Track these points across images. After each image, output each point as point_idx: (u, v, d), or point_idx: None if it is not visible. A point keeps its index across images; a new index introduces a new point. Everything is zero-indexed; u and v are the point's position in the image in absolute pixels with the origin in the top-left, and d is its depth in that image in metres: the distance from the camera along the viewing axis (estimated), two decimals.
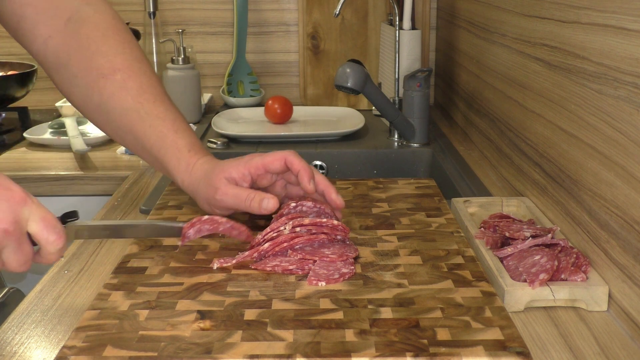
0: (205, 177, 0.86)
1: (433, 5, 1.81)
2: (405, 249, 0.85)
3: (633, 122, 0.70)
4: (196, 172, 0.86)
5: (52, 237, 0.65)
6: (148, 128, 0.87)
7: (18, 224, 0.63)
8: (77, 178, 1.31)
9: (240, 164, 0.86)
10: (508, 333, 0.65)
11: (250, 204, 0.82)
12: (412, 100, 1.42)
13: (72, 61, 0.88)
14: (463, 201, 1.02)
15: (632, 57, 0.70)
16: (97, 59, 0.88)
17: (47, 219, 0.65)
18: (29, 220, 0.64)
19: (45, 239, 0.65)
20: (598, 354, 0.68)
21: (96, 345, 0.64)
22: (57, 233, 0.66)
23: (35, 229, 0.65)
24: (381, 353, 0.62)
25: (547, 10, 0.95)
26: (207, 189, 0.85)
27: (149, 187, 1.20)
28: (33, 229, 0.65)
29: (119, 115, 0.88)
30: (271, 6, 1.87)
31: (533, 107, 1.02)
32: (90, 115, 0.92)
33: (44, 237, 0.65)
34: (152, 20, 1.78)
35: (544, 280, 0.75)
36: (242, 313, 0.70)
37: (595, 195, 0.80)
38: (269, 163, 0.86)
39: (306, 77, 1.84)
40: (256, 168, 0.86)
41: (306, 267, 0.79)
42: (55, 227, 0.66)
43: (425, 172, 1.44)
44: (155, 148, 0.87)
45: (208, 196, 0.85)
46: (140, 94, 0.87)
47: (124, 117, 0.87)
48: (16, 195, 0.63)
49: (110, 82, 0.87)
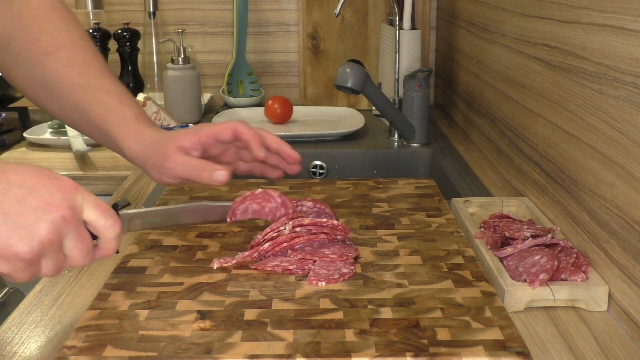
0: (155, 145, 0.85)
1: (433, 5, 1.81)
2: (405, 249, 0.85)
3: (633, 122, 0.70)
4: (145, 140, 0.85)
5: (109, 222, 0.65)
6: (94, 101, 0.86)
7: (73, 209, 0.63)
8: (77, 178, 1.31)
9: (191, 133, 0.85)
10: (508, 333, 0.65)
11: (200, 174, 0.82)
12: (412, 100, 1.42)
13: (15, 41, 0.88)
14: (463, 201, 1.02)
15: (632, 57, 0.70)
16: (41, 38, 0.88)
17: (101, 205, 0.65)
18: (83, 207, 0.64)
19: (102, 225, 0.65)
20: (598, 354, 0.68)
21: (96, 345, 0.64)
22: (112, 217, 0.66)
23: (90, 216, 0.64)
24: (381, 353, 0.62)
25: (547, 10, 0.95)
26: (157, 157, 0.84)
27: (149, 187, 1.20)
28: (88, 215, 0.64)
29: (65, 91, 0.87)
30: (271, 6, 1.87)
31: (533, 107, 1.02)
32: (34, 94, 0.91)
33: (101, 223, 0.65)
34: (152, 20, 1.78)
35: (544, 280, 0.75)
36: (242, 313, 0.70)
37: (595, 195, 0.80)
38: (219, 132, 0.85)
39: (306, 77, 1.84)
40: (207, 137, 0.85)
41: (306, 267, 0.79)
42: (109, 211, 0.66)
43: (425, 172, 1.44)
44: (102, 120, 0.86)
45: (158, 164, 0.84)
46: (86, 69, 0.87)
47: (70, 93, 0.87)
48: (67, 184, 0.63)
49: (54, 60, 0.87)
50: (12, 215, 0.60)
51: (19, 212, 0.60)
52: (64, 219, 0.62)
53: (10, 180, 0.61)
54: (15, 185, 0.61)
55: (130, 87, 1.78)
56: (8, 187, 0.61)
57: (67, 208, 0.62)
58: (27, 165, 0.64)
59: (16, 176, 0.62)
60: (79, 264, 0.65)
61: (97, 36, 1.73)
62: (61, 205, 0.62)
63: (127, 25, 1.75)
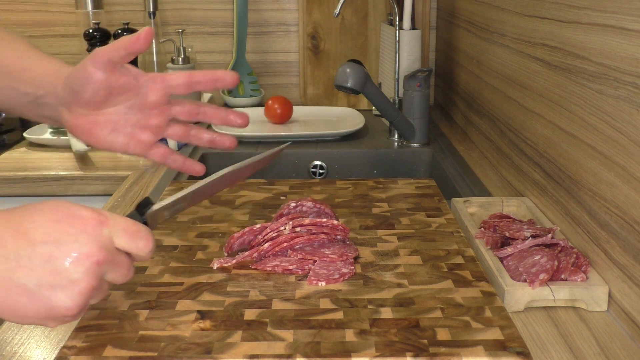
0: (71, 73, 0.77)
1: (433, 5, 1.81)
2: (405, 249, 0.85)
3: (633, 122, 0.70)
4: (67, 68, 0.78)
5: (140, 244, 0.63)
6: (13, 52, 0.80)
7: (104, 248, 0.61)
8: (77, 178, 1.31)
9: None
10: (508, 333, 0.65)
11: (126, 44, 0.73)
12: (412, 100, 1.42)
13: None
14: (463, 201, 1.02)
15: (632, 57, 0.70)
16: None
17: (129, 229, 0.63)
18: (113, 237, 0.62)
19: (134, 248, 0.63)
20: (598, 354, 0.68)
21: (96, 345, 0.64)
22: (143, 238, 0.64)
23: (121, 244, 0.63)
24: (381, 353, 0.62)
25: (547, 10, 0.95)
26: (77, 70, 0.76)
27: (149, 187, 1.20)
28: (119, 244, 0.62)
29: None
30: (271, 6, 1.87)
31: (533, 107, 1.02)
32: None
33: (133, 247, 0.63)
34: (152, 20, 1.78)
35: (544, 280, 0.75)
36: (242, 313, 0.70)
37: (595, 195, 0.80)
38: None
39: (306, 77, 1.84)
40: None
41: (306, 267, 0.79)
42: (138, 232, 0.64)
43: (425, 172, 1.44)
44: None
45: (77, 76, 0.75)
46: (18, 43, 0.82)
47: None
48: (90, 220, 0.61)
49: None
50: (46, 279, 0.58)
51: (52, 272, 0.58)
52: (98, 264, 0.60)
53: (32, 238, 0.59)
54: (38, 243, 0.58)
55: None
56: (32, 249, 0.58)
57: (98, 251, 0.60)
58: (43, 208, 0.61)
59: (36, 232, 0.59)
60: (123, 282, 0.64)
61: (97, 36, 1.73)
62: (91, 251, 0.59)
63: (127, 25, 1.75)
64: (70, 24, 1.85)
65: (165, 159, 0.83)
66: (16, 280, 0.58)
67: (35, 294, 0.58)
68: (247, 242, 0.85)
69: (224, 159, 1.43)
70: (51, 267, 0.58)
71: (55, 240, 0.59)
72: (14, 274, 0.58)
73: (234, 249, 0.84)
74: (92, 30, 1.73)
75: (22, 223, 0.59)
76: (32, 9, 1.86)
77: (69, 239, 0.59)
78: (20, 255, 0.58)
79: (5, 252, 0.58)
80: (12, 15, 1.86)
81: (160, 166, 1.33)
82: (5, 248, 0.58)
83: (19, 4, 1.86)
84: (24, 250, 0.58)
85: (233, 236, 0.84)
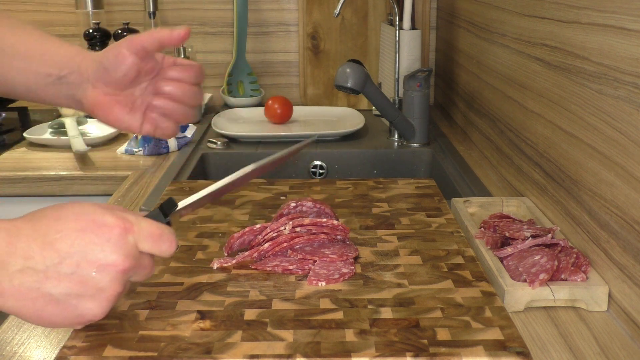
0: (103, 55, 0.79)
1: (433, 5, 1.81)
2: (405, 249, 0.85)
3: (633, 122, 0.70)
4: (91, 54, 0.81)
5: (163, 247, 0.65)
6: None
7: (130, 256, 0.62)
8: (77, 178, 1.31)
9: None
10: (508, 333, 0.65)
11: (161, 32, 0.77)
12: (412, 100, 1.42)
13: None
14: (463, 201, 1.02)
15: (632, 57, 0.70)
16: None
17: (153, 234, 0.64)
18: (137, 243, 0.63)
19: (158, 251, 0.65)
20: (598, 354, 0.68)
21: (96, 345, 0.64)
22: (167, 241, 0.65)
23: (146, 248, 0.64)
24: (381, 353, 0.62)
25: (547, 10, 0.95)
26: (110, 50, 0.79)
27: (149, 187, 1.20)
28: (144, 248, 0.64)
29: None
30: (271, 6, 1.87)
31: (533, 107, 1.02)
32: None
33: (156, 251, 0.65)
34: (152, 20, 1.78)
35: (544, 280, 0.75)
36: (242, 313, 0.70)
37: (595, 195, 0.80)
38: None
39: (306, 77, 1.84)
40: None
41: (306, 267, 0.79)
42: (162, 236, 0.65)
43: (425, 172, 1.44)
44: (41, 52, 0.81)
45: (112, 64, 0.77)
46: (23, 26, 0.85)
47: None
48: (114, 228, 0.62)
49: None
50: (73, 288, 0.60)
51: (79, 282, 0.60)
52: (124, 272, 0.62)
53: (59, 249, 0.60)
54: (65, 253, 0.60)
55: None
56: (60, 260, 0.60)
57: (124, 259, 0.61)
58: (68, 215, 0.62)
59: (63, 242, 0.60)
60: (145, 279, 0.67)
61: (97, 36, 1.73)
62: (117, 260, 0.61)
63: (127, 25, 1.75)
64: (70, 24, 1.85)
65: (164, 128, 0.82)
66: (44, 290, 0.60)
67: (62, 303, 0.61)
68: (247, 242, 0.85)
69: (224, 158, 1.43)
70: (78, 277, 0.60)
71: (81, 250, 0.60)
72: (41, 285, 0.60)
73: (234, 249, 0.84)
74: (92, 30, 1.73)
75: (48, 233, 0.61)
76: (32, 9, 1.87)
77: (95, 249, 0.61)
78: (48, 267, 0.60)
79: (33, 263, 0.60)
80: (12, 15, 1.86)
81: (160, 165, 1.33)
82: (33, 259, 0.60)
83: (19, 4, 1.87)
84: (51, 262, 0.60)
85: (233, 236, 0.84)
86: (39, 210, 0.63)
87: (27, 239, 0.60)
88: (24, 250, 0.59)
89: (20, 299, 0.59)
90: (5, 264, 0.59)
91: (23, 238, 0.60)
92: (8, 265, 0.59)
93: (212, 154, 1.43)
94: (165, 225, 0.66)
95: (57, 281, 0.60)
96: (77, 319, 0.62)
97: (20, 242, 0.60)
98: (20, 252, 0.59)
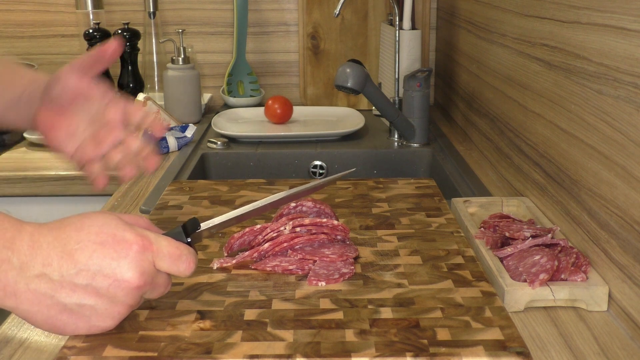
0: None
1: (433, 5, 1.81)
2: (405, 249, 0.85)
3: (633, 122, 0.70)
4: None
5: (182, 267, 0.65)
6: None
7: (145, 274, 0.63)
8: (77, 178, 1.31)
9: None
10: (508, 333, 0.65)
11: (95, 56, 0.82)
12: (412, 100, 1.42)
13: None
14: (463, 201, 1.02)
15: (632, 57, 0.70)
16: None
17: (172, 254, 0.65)
18: (155, 261, 0.64)
19: (176, 272, 0.65)
20: (598, 354, 0.68)
21: (96, 345, 0.64)
22: (185, 261, 0.65)
23: (164, 267, 0.65)
24: (381, 353, 0.62)
25: (547, 10, 0.95)
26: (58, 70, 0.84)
27: (149, 187, 1.20)
28: (161, 267, 0.64)
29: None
30: (271, 6, 1.87)
31: (533, 107, 1.02)
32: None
33: (174, 270, 0.65)
34: (152, 20, 1.78)
35: (544, 280, 0.75)
36: (242, 313, 0.70)
37: (595, 195, 0.80)
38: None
39: (306, 77, 1.84)
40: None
41: (306, 267, 0.79)
42: (181, 256, 0.65)
43: (425, 172, 1.44)
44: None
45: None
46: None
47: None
48: (132, 245, 0.62)
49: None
50: (87, 300, 0.61)
51: (93, 294, 0.61)
52: (138, 289, 0.63)
53: (77, 260, 0.61)
54: (82, 265, 0.61)
55: (130, 87, 1.78)
56: (76, 271, 0.61)
57: (139, 277, 0.62)
58: (91, 226, 0.63)
59: (82, 254, 0.61)
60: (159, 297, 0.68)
61: (97, 36, 1.73)
62: (132, 277, 0.62)
63: (127, 25, 1.75)
64: (70, 24, 1.85)
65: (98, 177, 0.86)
66: (57, 299, 0.61)
67: (75, 313, 0.62)
68: (247, 242, 0.85)
69: (224, 158, 1.43)
70: (92, 289, 0.61)
71: (98, 263, 0.61)
72: (56, 293, 0.61)
73: (234, 249, 0.84)
74: (92, 30, 1.73)
75: (68, 243, 0.61)
76: (32, 9, 1.86)
77: (112, 264, 0.61)
78: (63, 276, 0.61)
79: (49, 271, 0.60)
80: (12, 15, 1.86)
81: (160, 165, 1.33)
82: (50, 267, 0.60)
83: (19, 4, 1.86)
84: (67, 272, 0.61)
85: (233, 236, 0.84)
86: (66, 218, 0.64)
87: (48, 246, 0.61)
88: (44, 257, 0.60)
89: (35, 303, 0.60)
90: (26, 268, 0.60)
91: (44, 245, 0.61)
92: (27, 269, 0.60)
93: (212, 154, 1.43)
94: (186, 245, 0.67)
95: (71, 291, 0.61)
96: (89, 329, 0.63)
97: (41, 248, 0.61)
98: (40, 258, 0.60)
